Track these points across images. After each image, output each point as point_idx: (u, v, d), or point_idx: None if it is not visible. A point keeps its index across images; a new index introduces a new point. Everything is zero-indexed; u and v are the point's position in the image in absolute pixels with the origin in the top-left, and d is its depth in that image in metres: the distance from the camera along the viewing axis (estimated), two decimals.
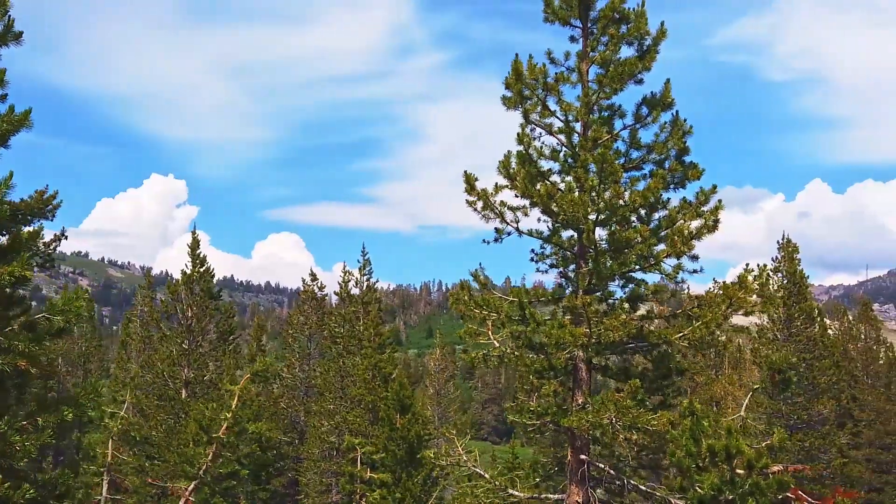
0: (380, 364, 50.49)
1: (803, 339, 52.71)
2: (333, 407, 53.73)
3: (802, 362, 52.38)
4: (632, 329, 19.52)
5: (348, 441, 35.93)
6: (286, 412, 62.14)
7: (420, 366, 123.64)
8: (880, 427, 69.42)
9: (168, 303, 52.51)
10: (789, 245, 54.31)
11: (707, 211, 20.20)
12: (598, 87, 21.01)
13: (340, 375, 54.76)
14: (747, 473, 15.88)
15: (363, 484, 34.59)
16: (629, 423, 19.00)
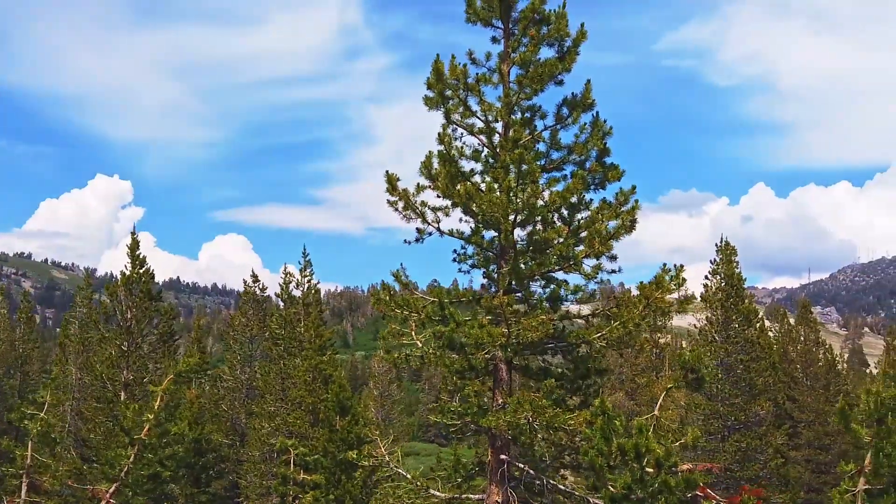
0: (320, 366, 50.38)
1: (740, 340, 53.22)
2: (274, 409, 53.48)
3: (740, 364, 52.96)
4: (549, 329, 19.59)
5: (281, 442, 35.73)
6: (227, 414, 61.74)
7: (367, 368, 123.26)
8: (819, 428, 70.42)
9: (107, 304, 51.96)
10: (728, 247, 54.87)
11: (624, 211, 20.31)
12: (518, 87, 21.05)
13: (281, 377, 54.53)
14: (656, 472, 15.96)
15: (296, 486, 34.41)
16: (546, 422, 19.07)
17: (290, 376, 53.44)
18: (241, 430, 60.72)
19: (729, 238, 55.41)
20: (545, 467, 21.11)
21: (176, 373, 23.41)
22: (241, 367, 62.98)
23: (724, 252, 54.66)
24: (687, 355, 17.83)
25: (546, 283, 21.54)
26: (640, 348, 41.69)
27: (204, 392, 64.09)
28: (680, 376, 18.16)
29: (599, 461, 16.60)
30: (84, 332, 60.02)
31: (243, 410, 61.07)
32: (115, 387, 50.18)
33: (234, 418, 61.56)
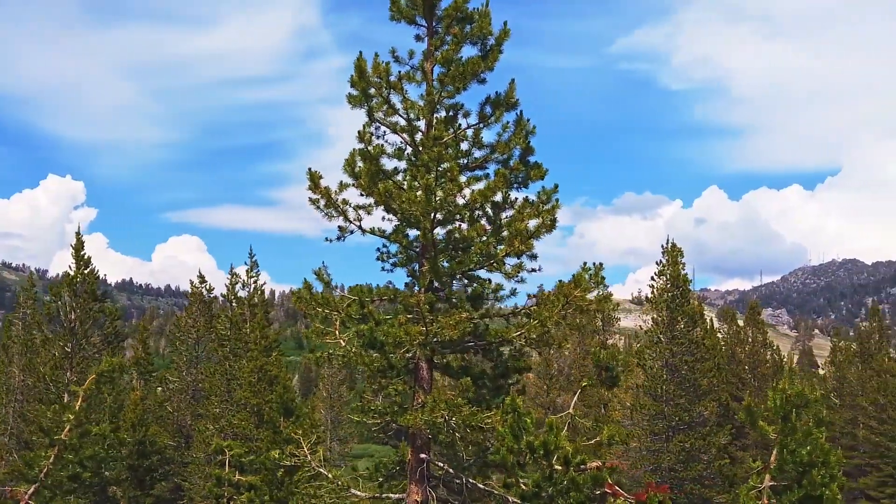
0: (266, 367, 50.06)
1: (685, 341, 53.61)
2: (219, 410, 53.17)
3: (684, 365, 53.31)
4: (467, 327, 19.57)
5: (216, 444, 35.44)
6: (173, 416, 61.24)
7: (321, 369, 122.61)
8: None
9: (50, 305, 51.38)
10: (674, 249, 55.22)
11: (545, 210, 20.32)
12: (441, 86, 21.01)
13: (227, 379, 54.26)
14: (564, 469, 15.99)
15: (231, 487, 34.13)
16: (462, 421, 19.04)
17: (235, 377, 53.19)
18: (187, 432, 60.24)
19: (682, 241, 56.21)
20: (466, 466, 21.07)
21: (98, 373, 23.12)
22: (187, 368, 62.52)
23: (671, 254, 55.01)
24: (601, 354, 17.90)
25: (469, 282, 21.53)
26: (560, 346, 41.31)
27: (152, 393, 63.60)
28: (595, 374, 18.24)
29: (510, 459, 16.62)
30: (28, 334, 59.22)
31: (189, 412, 60.60)
32: (59, 388, 49.69)
33: (180, 420, 61.07)
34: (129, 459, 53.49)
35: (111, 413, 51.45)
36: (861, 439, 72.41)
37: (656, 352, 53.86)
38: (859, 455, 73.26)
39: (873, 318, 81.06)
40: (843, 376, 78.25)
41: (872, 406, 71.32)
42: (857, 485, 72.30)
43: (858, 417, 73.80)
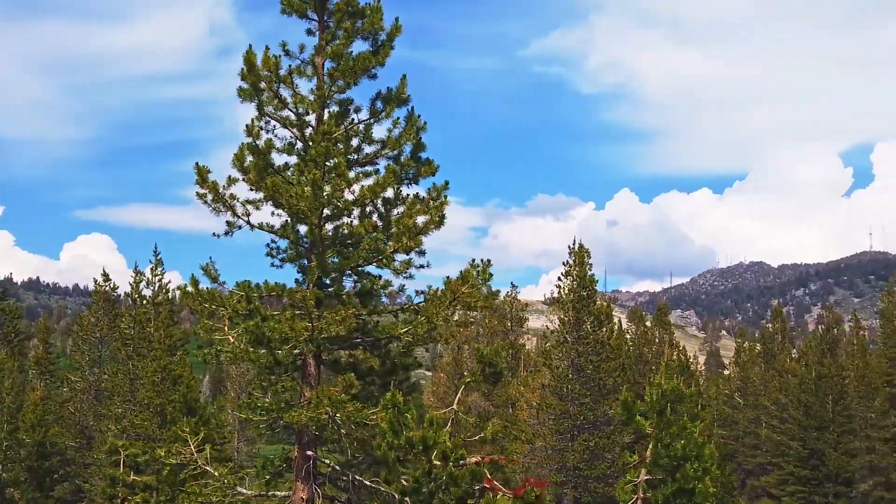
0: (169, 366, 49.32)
1: (591, 341, 54.12)
2: (122, 410, 52.19)
3: (590, 364, 53.84)
4: (353, 324, 19.47)
5: (111, 444, 34.83)
6: (75, 416, 60.01)
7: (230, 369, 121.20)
8: None
9: None
10: (581, 250, 55.72)
11: (434, 206, 20.33)
12: (331, 80, 20.90)
13: (130, 378, 53.30)
14: (444, 465, 16.02)
15: (125, 487, 33.59)
16: (347, 417, 18.95)
17: (138, 377, 52.29)
18: (89, 433, 59.08)
19: (594, 242, 57.04)
20: (353, 463, 20.98)
21: None
22: (90, 368, 61.33)
23: (578, 255, 55.47)
24: (485, 350, 17.97)
25: (358, 278, 21.45)
26: (446, 342, 41.12)
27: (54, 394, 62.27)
28: (478, 370, 18.29)
29: (391, 455, 16.59)
30: None
31: (91, 412, 59.43)
32: None
33: (82, 420, 59.86)
34: (29, 461, 52.35)
35: (10, 413, 50.34)
36: (763, 438, 73.91)
37: (563, 352, 54.30)
38: (762, 454, 74.82)
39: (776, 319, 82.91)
40: (747, 376, 79.92)
41: (774, 405, 72.88)
42: (759, 483, 73.87)
43: (761, 417, 75.35)
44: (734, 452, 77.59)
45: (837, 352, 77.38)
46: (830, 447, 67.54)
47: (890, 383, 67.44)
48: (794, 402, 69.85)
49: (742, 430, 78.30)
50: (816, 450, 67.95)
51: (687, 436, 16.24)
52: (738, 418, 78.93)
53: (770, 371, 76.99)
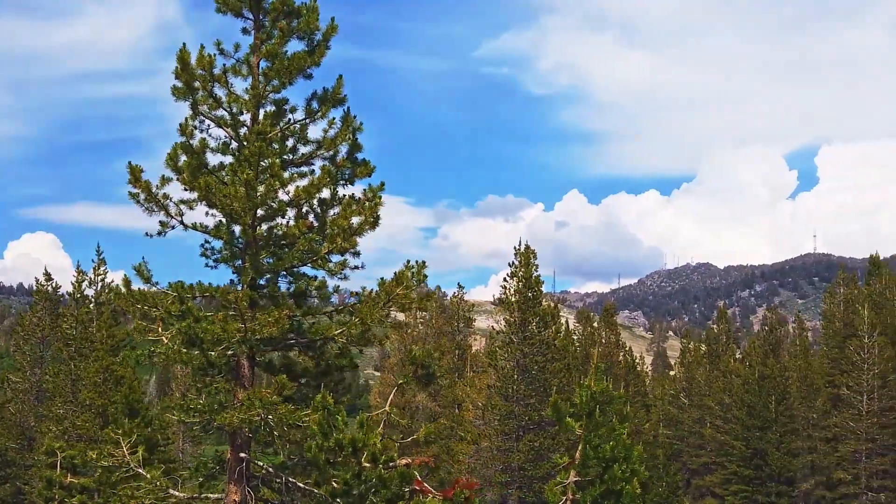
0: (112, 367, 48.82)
1: (537, 342, 54.36)
2: (63, 411, 51.52)
3: (535, 365, 54.06)
4: (286, 325, 19.35)
5: (48, 445, 34.30)
6: (15, 418, 59.13)
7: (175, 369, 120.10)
8: None
9: None
10: (527, 251, 55.93)
11: (369, 207, 20.27)
12: (266, 80, 20.76)
13: (71, 379, 52.61)
14: (373, 467, 15.99)
15: (62, 490, 33.06)
16: (279, 419, 18.84)
17: (80, 378, 51.66)
18: (31, 434, 58.26)
19: (543, 243, 57.27)
20: (289, 465, 20.86)
21: None
22: (31, 368, 60.45)
23: (524, 256, 55.66)
24: (417, 352, 17.96)
25: (293, 279, 21.34)
26: (381, 344, 40.56)
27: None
28: (411, 372, 18.28)
29: (321, 457, 16.52)
30: None
31: (32, 413, 58.60)
32: None
33: (23, 421, 58.98)
34: None
35: None
36: (708, 438, 74.69)
37: (508, 352, 54.48)
38: (706, 453, 75.61)
39: (721, 320, 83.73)
40: (692, 377, 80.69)
41: (718, 406, 73.68)
42: (703, 482, 74.60)
43: (706, 417, 76.14)
44: (679, 452, 78.39)
45: (780, 352, 78.38)
46: (773, 447, 68.46)
47: (831, 384, 68.48)
48: (737, 403, 70.73)
49: (687, 430, 79.09)
50: (759, 449, 68.86)
51: (616, 437, 16.34)
52: (684, 418, 79.71)
53: (714, 371, 77.85)
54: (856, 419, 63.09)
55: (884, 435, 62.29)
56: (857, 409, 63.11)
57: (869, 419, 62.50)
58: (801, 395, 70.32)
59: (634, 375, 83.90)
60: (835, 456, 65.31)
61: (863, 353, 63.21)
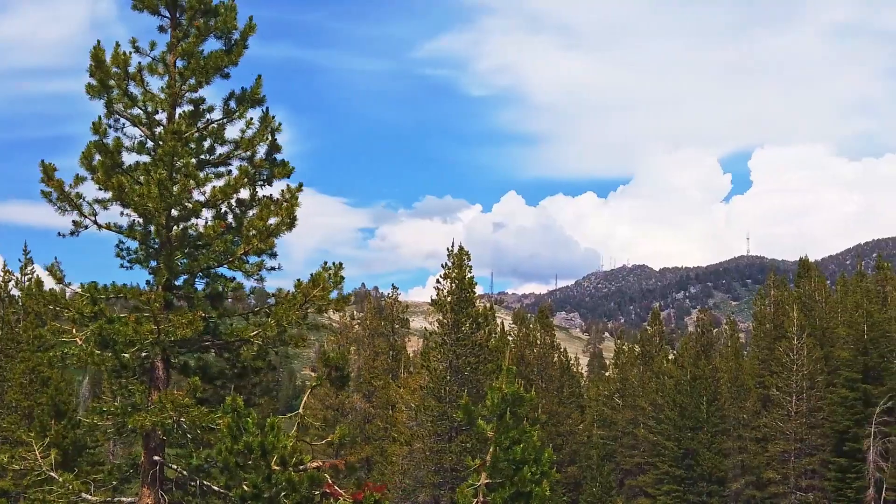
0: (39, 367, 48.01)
1: (469, 343, 54.36)
2: None
3: (468, 366, 54.10)
4: (199, 326, 19.13)
5: None
6: None
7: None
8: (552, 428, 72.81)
9: None
10: (461, 252, 55.94)
11: (285, 208, 20.15)
12: (182, 79, 20.53)
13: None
14: (282, 469, 15.87)
15: None
16: (192, 422, 18.65)
17: (6, 379, 50.78)
18: None
19: (481, 245, 57.42)
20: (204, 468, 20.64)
21: None
22: None
23: (457, 257, 55.64)
24: (331, 353, 17.89)
25: (211, 281, 21.13)
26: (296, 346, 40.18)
27: None
28: (324, 373, 18.20)
29: (231, 460, 16.36)
30: None
31: None
32: None
33: None
34: None
35: None
36: (641, 438, 75.34)
37: (441, 353, 54.41)
38: (639, 454, 76.27)
39: (654, 322, 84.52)
40: (625, 378, 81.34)
41: (651, 406, 74.35)
42: (636, 482, 75.24)
43: (639, 417, 76.79)
44: (613, 452, 79.00)
45: (712, 354, 79.32)
46: (704, 447, 69.24)
47: (761, 384, 69.49)
48: (669, 403, 71.44)
49: (621, 431, 79.72)
50: (691, 449, 69.61)
51: (526, 439, 16.40)
52: (618, 419, 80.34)
53: (647, 372, 78.57)
54: (785, 420, 64.01)
55: (812, 435, 63.24)
56: (787, 410, 64.04)
57: (798, 420, 63.43)
58: (731, 395, 71.19)
59: (569, 377, 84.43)
60: (764, 456, 66.20)
61: (792, 354, 64.14)
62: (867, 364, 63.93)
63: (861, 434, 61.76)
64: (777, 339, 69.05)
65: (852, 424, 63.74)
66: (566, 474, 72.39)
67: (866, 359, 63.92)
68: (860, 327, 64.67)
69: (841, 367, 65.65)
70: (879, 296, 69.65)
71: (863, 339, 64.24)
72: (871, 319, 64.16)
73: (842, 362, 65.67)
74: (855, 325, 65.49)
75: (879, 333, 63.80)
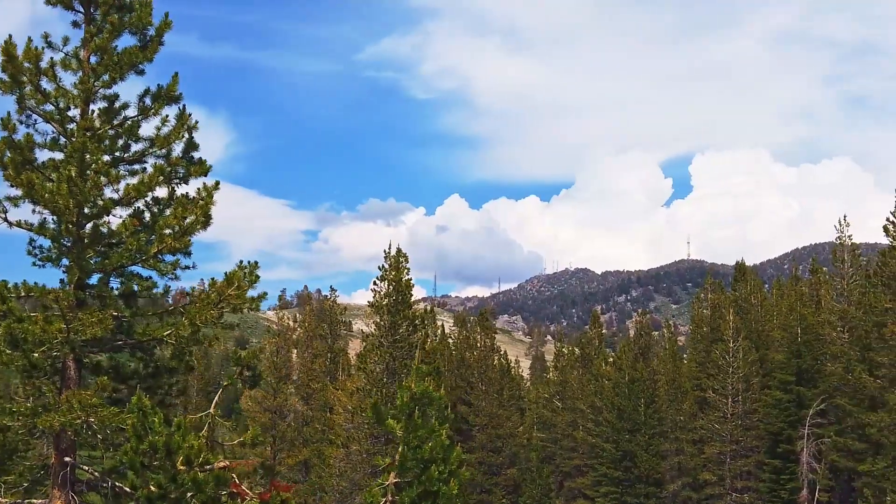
0: None
1: (406, 345, 54.27)
2: None
3: (404, 368, 53.97)
4: (110, 325, 18.87)
5: None
6: None
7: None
8: (492, 431, 72.95)
9: None
10: (399, 254, 55.83)
11: (199, 206, 19.93)
12: (95, 75, 20.24)
13: None
14: (188, 469, 15.69)
15: None
16: (102, 422, 18.38)
17: None
18: None
19: (425, 248, 57.36)
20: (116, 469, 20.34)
21: None
22: None
23: (394, 259, 55.54)
24: (242, 354, 17.74)
25: (125, 279, 20.85)
26: (210, 345, 39.58)
27: None
28: (236, 373, 18.05)
29: (137, 460, 16.14)
30: None
31: None
32: None
33: None
34: None
35: None
36: (580, 440, 75.68)
37: (378, 356, 54.25)
38: (578, 456, 76.61)
39: (594, 325, 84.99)
40: (565, 380, 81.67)
41: (590, 409, 74.73)
42: (575, 484, 75.59)
43: (578, 420, 77.13)
44: (553, 455, 79.35)
45: (650, 357, 79.90)
46: (642, 449, 69.79)
47: (698, 387, 70.06)
48: (608, 406, 71.88)
49: (560, 433, 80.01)
50: (628, 451, 70.13)
51: (434, 438, 16.36)
52: (557, 421, 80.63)
53: (587, 375, 78.96)
54: (721, 421, 64.62)
55: (747, 437, 63.92)
56: (722, 412, 64.67)
57: (733, 422, 64.10)
58: (669, 398, 71.79)
59: (509, 379, 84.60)
60: (701, 458, 66.77)
61: (727, 357, 64.79)
62: (800, 367, 64.78)
63: (795, 436, 62.60)
64: (714, 342, 69.71)
65: (786, 426, 64.58)
66: (506, 476, 72.62)
67: (800, 361, 64.76)
68: (794, 330, 65.55)
69: (775, 369, 66.47)
70: (813, 299, 70.56)
71: (796, 341, 65.10)
72: (805, 322, 65.02)
73: (776, 365, 66.50)
74: (789, 329, 66.35)
75: (813, 336, 64.67)
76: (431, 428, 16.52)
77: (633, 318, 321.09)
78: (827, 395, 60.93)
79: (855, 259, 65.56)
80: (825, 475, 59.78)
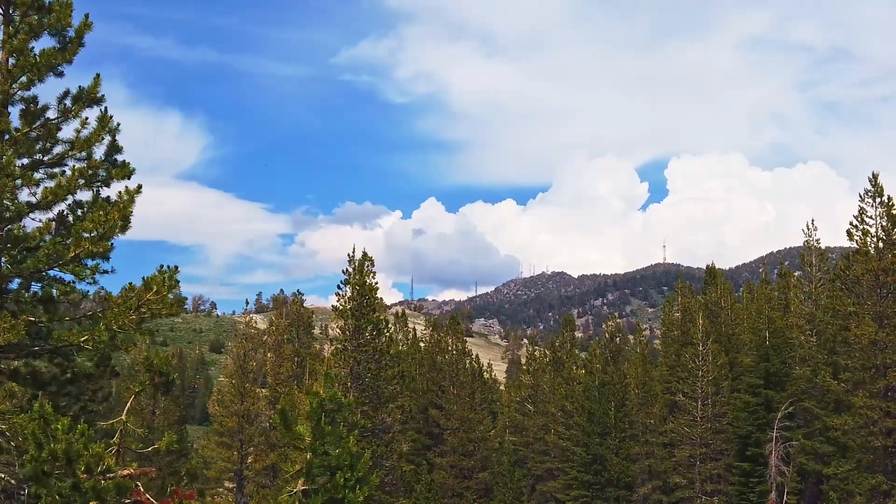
0: None
1: (370, 349, 54.11)
2: None
3: (368, 372, 53.82)
4: (20, 331, 18.55)
5: None
6: None
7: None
8: (463, 434, 72.76)
9: None
10: (364, 258, 55.67)
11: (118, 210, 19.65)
12: (13, 77, 19.94)
13: None
14: (88, 477, 15.40)
15: None
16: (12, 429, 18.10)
17: None
18: None
19: (401, 251, 57.31)
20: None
21: None
22: None
23: (359, 263, 55.39)
24: (154, 358, 17.46)
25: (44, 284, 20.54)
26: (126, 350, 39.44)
27: None
28: (148, 379, 17.76)
29: (37, 468, 15.84)
30: None
31: None
32: None
33: None
34: None
35: None
36: (551, 444, 75.53)
37: (342, 360, 54.07)
38: (550, 459, 76.46)
39: (566, 328, 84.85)
40: (537, 384, 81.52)
41: (561, 412, 74.60)
42: (547, 487, 75.44)
43: (549, 423, 76.97)
44: (524, 458, 79.15)
45: (620, 360, 79.81)
46: (612, 452, 69.70)
47: (669, 390, 70.02)
48: (578, 409, 71.77)
49: (532, 437, 79.88)
50: (599, 455, 70.04)
51: (342, 445, 16.14)
52: (529, 425, 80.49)
53: (558, 378, 78.80)
54: (691, 425, 64.64)
55: (717, 440, 63.94)
56: (692, 415, 64.71)
57: (703, 425, 64.11)
58: (639, 401, 71.70)
59: (481, 383, 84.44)
60: (671, 461, 66.75)
61: (697, 360, 64.80)
62: (769, 370, 64.88)
63: (763, 439, 62.67)
64: (684, 345, 69.71)
65: (755, 429, 64.68)
66: (477, 480, 72.41)
67: (768, 365, 64.85)
68: (762, 334, 65.63)
69: (744, 373, 66.52)
70: (782, 303, 70.62)
71: (765, 345, 65.19)
72: (773, 326, 65.10)
73: (745, 368, 66.52)
74: (758, 332, 66.44)
75: (781, 340, 64.76)
76: (339, 434, 16.29)
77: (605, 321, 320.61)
78: (795, 399, 61.02)
79: (823, 263, 65.65)
80: (793, 478, 59.78)
